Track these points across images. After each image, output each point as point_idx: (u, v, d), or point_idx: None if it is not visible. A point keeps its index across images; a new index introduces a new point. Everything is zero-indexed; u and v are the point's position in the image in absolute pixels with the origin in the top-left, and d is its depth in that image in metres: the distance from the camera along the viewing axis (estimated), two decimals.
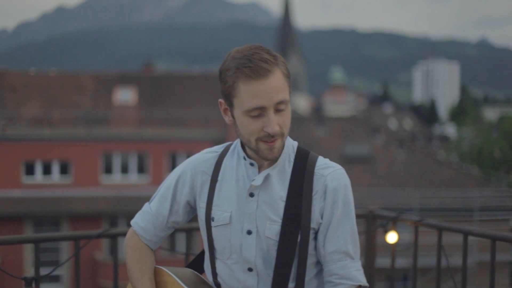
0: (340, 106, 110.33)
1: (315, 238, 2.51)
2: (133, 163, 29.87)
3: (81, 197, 28.19)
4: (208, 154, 2.67)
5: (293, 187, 2.47)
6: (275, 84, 2.37)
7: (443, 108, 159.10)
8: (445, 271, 3.82)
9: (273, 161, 2.47)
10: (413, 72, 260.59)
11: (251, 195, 2.49)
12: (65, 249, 26.56)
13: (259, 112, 2.38)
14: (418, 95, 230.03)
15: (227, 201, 2.53)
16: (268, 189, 2.49)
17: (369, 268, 4.41)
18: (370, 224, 4.36)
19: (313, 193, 2.48)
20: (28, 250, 26.59)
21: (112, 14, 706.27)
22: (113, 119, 31.48)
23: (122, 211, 27.93)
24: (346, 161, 33.68)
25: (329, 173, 2.51)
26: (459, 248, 3.69)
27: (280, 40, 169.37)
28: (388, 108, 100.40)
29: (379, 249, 4.52)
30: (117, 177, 29.72)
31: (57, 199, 27.96)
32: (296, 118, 44.56)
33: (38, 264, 3.33)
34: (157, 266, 2.69)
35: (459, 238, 3.63)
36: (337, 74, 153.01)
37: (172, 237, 25.23)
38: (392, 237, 4.10)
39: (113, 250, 3.57)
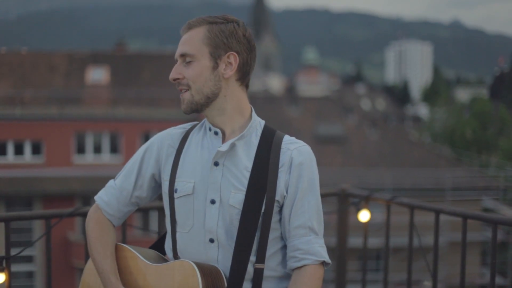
0: (313, 86, 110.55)
1: (279, 212, 2.53)
2: (105, 143, 29.72)
3: (54, 177, 28.02)
4: (176, 130, 2.72)
5: (259, 158, 2.51)
6: (186, 38, 2.56)
7: (416, 88, 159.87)
8: (417, 250, 3.85)
9: (185, 113, 2.58)
10: (386, 52, 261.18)
11: (216, 164, 2.52)
12: (38, 229, 26.43)
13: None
14: (391, 75, 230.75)
15: (190, 172, 2.56)
16: (233, 158, 2.53)
17: (341, 247, 4.43)
18: (343, 202, 4.38)
19: (280, 165, 2.52)
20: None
21: None
22: (85, 98, 31.25)
23: (95, 191, 26.71)
24: (319, 141, 33.78)
25: (295, 148, 2.56)
26: (431, 227, 3.72)
27: (254, 20, 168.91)
28: (361, 89, 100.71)
29: (351, 229, 4.54)
30: (89, 157, 29.57)
31: (29, 179, 27.78)
32: (269, 98, 44.59)
33: (8, 244, 3.31)
34: (117, 243, 2.70)
35: (431, 218, 3.66)
36: (310, 55, 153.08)
37: (145, 216, 25.20)
38: (364, 216, 4.12)
39: (84, 229, 3.55)
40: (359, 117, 38.33)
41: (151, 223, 25.13)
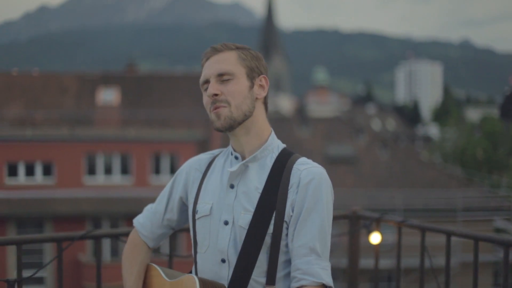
0: (323, 106, 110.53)
1: (287, 234, 2.54)
2: (116, 164, 29.78)
3: (65, 198, 28.09)
4: (205, 155, 2.86)
5: (271, 180, 2.56)
6: (219, 59, 2.62)
7: (426, 108, 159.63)
8: (428, 271, 3.83)
9: (221, 129, 2.61)
10: (396, 72, 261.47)
11: (231, 186, 2.60)
12: (49, 251, 26.45)
13: (208, 85, 2.62)
14: (401, 95, 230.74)
15: (210, 194, 2.65)
16: (246, 180, 2.59)
17: (352, 268, 4.42)
18: (354, 224, 4.37)
19: (289, 186, 2.55)
20: (11, 252, 26.46)
21: (95, 14, 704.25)
22: (96, 119, 31.36)
23: (106, 212, 27.88)
24: (330, 162, 33.73)
25: (305, 168, 2.58)
26: (442, 248, 3.71)
27: (263, 41, 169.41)
28: (371, 109, 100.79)
29: (362, 250, 4.53)
30: (100, 178, 29.61)
31: (40, 200, 27.85)
32: (279, 119, 44.58)
33: (20, 266, 3.32)
34: (150, 263, 2.84)
35: (443, 238, 3.65)
36: (320, 75, 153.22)
37: (172, 240, 25.13)
38: (375, 238, 4.11)
39: (97, 252, 3.57)
40: (369, 137, 38.27)
41: (162, 246, 25.15)
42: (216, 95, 2.57)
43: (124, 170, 29.83)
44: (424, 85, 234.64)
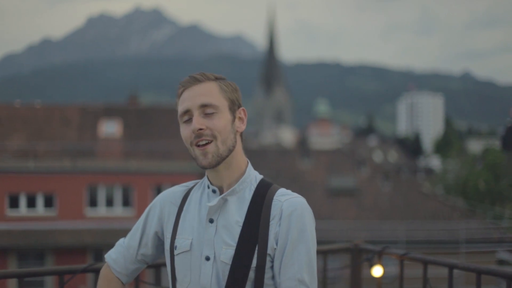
0: (325, 138, 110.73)
1: (272, 267, 2.50)
2: (118, 196, 29.76)
3: (66, 230, 28.04)
4: (178, 188, 2.77)
5: (251, 213, 2.51)
6: (201, 90, 2.55)
7: (428, 140, 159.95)
8: None
9: (207, 167, 2.53)
10: (398, 104, 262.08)
11: (211, 221, 2.54)
12: (50, 283, 26.36)
13: (189, 116, 2.54)
14: (402, 127, 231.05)
15: (189, 229, 2.58)
16: (225, 214, 2.53)
17: None
18: (356, 258, 4.37)
19: (270, 218, 2.49)
20: (12, 285, 26.38)
21: (97, 47, 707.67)
22: (98, 151, 31.40)
23: (107, 244, 27.73)
24: (332, 194, 33.72)
25: (286, 200, 2.52)
26: (444, 280, 3.70)
27: (265, 73, 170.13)
28: (373, 141, 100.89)
29: (363, 281, 4.51)
30: (102, 209, 29.58)
31: (41, 232, 27.79)
32: (281, 151, 44.67)
33: None
34: None
35: (444, 270, 3.64)
36: (322, 107, 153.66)
37: (157, 272, 25.09)
38: (377, 271, 4.10)
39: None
40: (371, 169, 38.26)
41: (164, 279, 25.05)
42: (201, 129, 2.50)
43: (126, 202, 29.81)
44: (425, 117, 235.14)
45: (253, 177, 2.63)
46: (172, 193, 2.74)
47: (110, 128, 32.57)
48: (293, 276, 2.45)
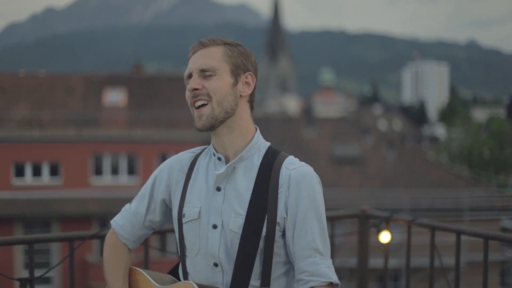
0: (329, 107, 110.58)
1: (282, 236, 2.51)
2: (123, 165, 29.82)
3: (71, 199, 28.14)
4: (185, 154, 2.75)
5: (259, 181, 2.50)
6: (205, 53, 2.55)
7: (433, 109, 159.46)
8: (437, 270, 3.83)
9: (202, 130, 2.53)
10: (403, 73, 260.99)
11: (218, 189, 2.53)
12: (55, 251, 26.51)
13: (190, 79, 2.56)
14: (407, 96, 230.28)
15: (197, 197, 2.57)
16: (234, 182, 2.53)
17: (362, 268, 4.42)
18: (363, 224, 4.36)
19: (279, 186, 2.49)
20: (18, 252, 26.52)
21: (101, 16, 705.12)
22: (103, 120, 31.39)
23: (112, 212, 27.43)
24: (336, 162, 33.73)
25: (294, 168, 2.52)
26: (449, 248, 3.72)
27: (270, 42, 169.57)
28: (377, 109, 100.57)
29: (370, 249, 4.52)
30: (107, 178, 29.66)
31: (47, 201, 27.90)
32: (286, 119, 44.60)
33: (32, 266, 3.33)
34: (132, 266, 2.74)
35: (449, 238, 3.65)
36: (327, 76, 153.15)
37: (163, 238, 25.18)
38: (385, 237, 4.10)
39: (102, 252, 3.57)
40: (376, 137, 38.22)
41: (169, 245, 25.14)
42: (196, 89, 2.52)
43: (131, 171, 29.87)
44: (430, 86, 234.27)
45: (261, 144, 2.62)
46: (179, 160, 2.73)
47: (115, 97, 32.52)
48: (307, 245, 2.47)
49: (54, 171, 29.27)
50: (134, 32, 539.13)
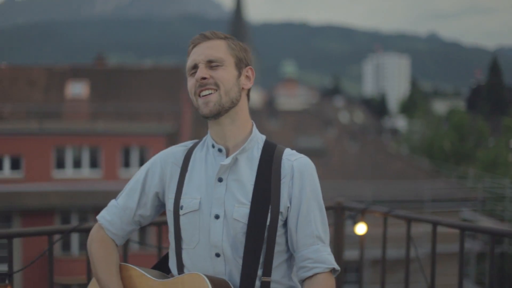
0: (292, 99, 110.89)
1: (283, 225, 2.57)
2: (85, 157, 29.56)
3: (33, 192, 27.81)
4: (177, 148, 2.77)
5: (262, 171, 2.56)
6: (209, 45, 2.59)
7: (394, 101, 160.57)
8: (400, 261, 3.88)
9: (209, 116, 2.57)
10: (364, 65, 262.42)
11: (220, 180, 2.57)
12: (16, 245, 26.24)
13: (195, 70, 2.59)
14: (368, 88, 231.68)
15: (196, 189, 2.60)
16: (236, 172, 2.57)
17: (338, 260, 4.45)
18: (339, 216, 4.40)
19: (281, 177, 2.57)
20: None
21: (62, 7, 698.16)
22: (65, 113, 31.13)
23: (75, 206, 27.67)
24: None
25: (296, 159, 2.62)
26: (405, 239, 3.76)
27: (232, 34, 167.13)
28: (339, 101, 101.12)
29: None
30: (69, 171, 29.38)
31: (8, 194, 27.56)
32: (249, 111, 44.60)
33: (11, 260, 3.31)
34: (121, 263, 2.72)
35: (404, 229, 3.71)
36: (289, 68, 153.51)
37: (142, 232, 25.05)
38: (361, 229, 4.16)
39: (88, 249, 3.55)
40: (338, 129, 38.43)
41: (148, 238, 25.02)
42: (204, 78, 2.54)
43: (93, 164, 29.62)
44: (391, 78, 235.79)
45: (258, 136, 2.70)
46: (172, 154, 2.74)
47: (77, 89, 32.27)
48: (310, 234, 2.55)
49: (15, 165, 28.92)
50: (95, 24, 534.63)
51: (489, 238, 3.47)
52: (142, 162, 28.91)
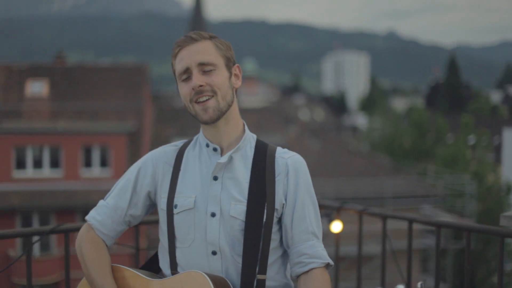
0: (252, 97, 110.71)
1: (278, 222, 2.61)
2: (46, 157, 29.25)
3: None
4: (168, 147, 2.78)
5: (256, 169, 2.60)
6: (199, 48, 2.59)
7: (353, 98, 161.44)
8: (366, 258, 3.93)
9: (209, 122, 2.59)
10: (323, 63, 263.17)
11: (215, 178, 2.59)
12: None
13: (187, 75, 2.58)
14: (328, 85, 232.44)
15: (191, 187, 2.61)
16: (232, 170, 2.60)
17: None
18: None
19: (276, 175, 2.61)
20: None
21: (20, 5, 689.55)
22: (24, 112, 30.77)
23: (36, 206, 27.41)
24: None
25: (290, 157, 2.69)
26: (374, 235, 3.80)
27: (191, 31, 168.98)
28: (299, 99, 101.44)
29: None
30: (29, 171, 29.06)
31: None
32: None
33: None
34: (113, 264, 2.71)
35: (376, 226, 3.75)
36: (249, 66, 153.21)
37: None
38: (336, 227, 4.18)
39: (66, 246, 3.54)
40: (299, 127, 38.54)
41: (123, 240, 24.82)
42: (201, 86, 2.55)
43: (54, 163, 29.31)
44: (351, 75, 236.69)
45: (250, 135, 2.73)
46: (163, 153, 2.75)
47: (37, 88, 31.89)
48: (305, 229, 2.59)
49: None
50: (53, 21, 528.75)
51: (451, 234, 3.53)
52: (103, 161, 28.72)
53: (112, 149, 28.29)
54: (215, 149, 2.65)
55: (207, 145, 2.67)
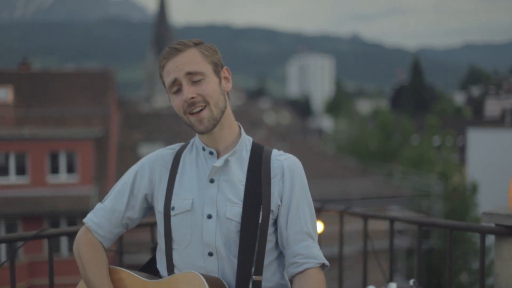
0: None
1: (273, 223, 2.63)
2: (12, 164, 28.94)
3: None
4: (165, 151, 2.81)
5: (252, 172, 2.62)
6: (184, 59, 2.59)
7: (319, 101, 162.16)
8: (335, 259, 3.94)
9: (205, 132, 2.61)
10: (288, 66, 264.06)
11: (211, 181, 2.61)
12: None
13: (177, 87, 2.59)
14: (293, 89, 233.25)
15: (188, 190, 2.63)
16: (228, 173, 2.62)
17: None
18: None
19: (272, 177, 2.63)
20: None
21: None
22: None
23: (2, 213, 27.14)
24: None
25: (285, 159, 2.69)
26: (350, 236, 3.82)
27: (155, 36, 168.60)
28: (265, 103, 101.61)
29: None
30: None
31: None
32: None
33: None
34: (111, 266, 2.72)
35: (356, 226, 3.79)
36: None
37: (120, 238, 24.59)
38: (317, 227, 4.20)
39: (50, 251, 3.51)
40: (266, 131, 38.61)
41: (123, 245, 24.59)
42: (193, 97, 2.56)
43: (20, 170, 29.02)
44: (315, 79, 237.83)
45: (246, 138, 2.75)
46: (161, 156, 2.77)
47: (1, 94, 31.51)
48: (300, 230, 2.61)
49: None
50: (16, 27, 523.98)
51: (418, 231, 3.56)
52: (70, 167, 28.48)
53: (78, 154, 28.08)
54: (211, 153, 2.67)
55: (204, 149, 2.69)
